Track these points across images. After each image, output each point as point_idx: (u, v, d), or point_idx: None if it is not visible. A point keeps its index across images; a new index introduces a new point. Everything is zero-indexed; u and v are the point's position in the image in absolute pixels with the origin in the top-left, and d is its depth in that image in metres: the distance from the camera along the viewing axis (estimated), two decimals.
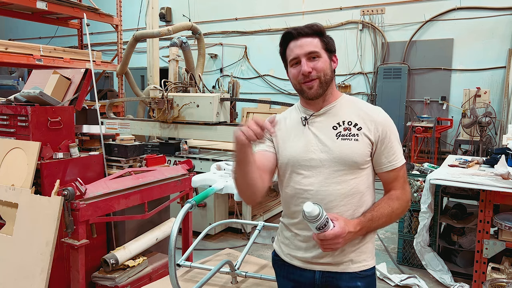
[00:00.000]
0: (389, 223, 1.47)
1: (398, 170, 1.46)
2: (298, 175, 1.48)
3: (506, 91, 6.96)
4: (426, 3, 7.63)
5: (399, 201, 1.46)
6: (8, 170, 2.67)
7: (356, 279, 1.46)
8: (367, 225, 1.41)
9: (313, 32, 1.43)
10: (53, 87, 3.22)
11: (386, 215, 1.43)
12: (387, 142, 1.44)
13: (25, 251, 2.40)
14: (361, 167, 1.44)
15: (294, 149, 1.49)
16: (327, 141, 1.45)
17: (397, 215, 1.45)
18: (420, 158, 7.17)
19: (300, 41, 1.43)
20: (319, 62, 1.42)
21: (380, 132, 1.44)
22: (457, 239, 3.66)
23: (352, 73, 8.37)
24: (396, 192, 1.47)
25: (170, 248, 1.80)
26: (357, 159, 1.42)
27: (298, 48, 1.43)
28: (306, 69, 1.41)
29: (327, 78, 1.44)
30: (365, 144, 1.43)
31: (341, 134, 1.44)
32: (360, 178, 1.45)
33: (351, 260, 1.46)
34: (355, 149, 1.42)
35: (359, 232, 1.39)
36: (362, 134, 1.43)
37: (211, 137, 4.68)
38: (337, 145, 1.43)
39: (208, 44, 8.88)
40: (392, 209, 1.44)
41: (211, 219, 4.36)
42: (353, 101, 1.53)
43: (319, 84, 1.43)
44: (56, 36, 10.26)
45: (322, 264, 1.47)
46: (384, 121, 1.46)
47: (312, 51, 1.42)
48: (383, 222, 1.44)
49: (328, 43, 1.46)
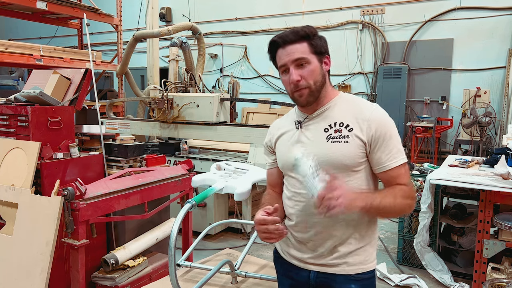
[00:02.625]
0: (392, 210, 1.38)
1: (396, 170, 1.39)
2: (291, 178, 1.50)
3: (506, 91, 6.96)
4: (426, 3, 7.62)
5: (402, 192, 1.38)
6: (8, 170, 2.67)
7: (350, 281, 1.45)
8: (369, 198, 1.33)
9: (299, 37, 1.39)
10: (53, 87, 3.22)
11: (389, 199, 1.35)
12: (381, 141, 1.38)
13: (25, 251, 2.40)
14: (353, 170, 1.40)
15: (287, 154, 1.49)
16: (318, 144, 1.43)
17: (400, 204, 1.37)
18: (420, 158, 7.16)
19: (286, 49, 1.40)
20: (308, 69, 1.39)
21: (374, 131, 1.38)
22: (457, 239, 3.66)
23: (352, 73, 8.36)
24: (400, 186, 1.40)
25: (170, 248, 1.80)
26: (347, 162, 1.39)
27: (285, 56, 1.40)
28: (295, 77, 1.38)
29: (317, 85, 1.41)
30: (356, 146, 1.38)
31: (331, 136, 1.41)
32: (355, 181, 1.41)
33: (346, 263, 1.45)
34: (345, 152, 1.38)
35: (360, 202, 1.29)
36: (352, 135, 1.39)
37: (211, 137, 4.68)
38: (327, 148, 1.41)
39: (208, 44, 8.88)
40: (395, 195, 1.37)
41: (211, 219, 4.36)
42: (349, 100, 1.48)
43: (309, 92, 1.41)
44: (56, 36, 10.25)
45: (317, 265, 1.47)
46: (378, 119, 1.40)
47: (299, 58, 1.39)
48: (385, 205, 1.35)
49: (317, 45, 1.41)
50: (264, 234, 1.37)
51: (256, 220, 1.38)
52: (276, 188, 1.64)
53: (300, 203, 1.46)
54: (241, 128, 4.52)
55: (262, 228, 1.36)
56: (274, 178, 1.64)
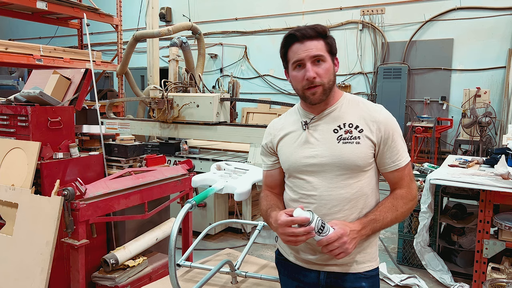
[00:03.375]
0: (395, 222, 1.44)
1: (402, 169, 1.44)
2: (300, 180, 1.47)
3: (506, 91, 6.96)
4: (426, 3, 7.63)
5: (403, 200, 1.43)
6: (8, 170, 2.66)
7: (361, 279, 1.46)
8: (371, 224, 1.38)
9: (317, 34, 1.39)
10: (53, 87, 3.21)
11: (391, 214, 1.41)
12: (390, 142, 1.42)
13: (25, 251, 2.40)
14: (364, 170, 1.42)
15: (295, 155, 1.47)
16: (328, 145, 1.42)
17: (402, 213, 1.42)
18: (420, 158, 7.17)
19: (305, 44, 1.38)
20: (324, 67, 1.38)
21: (383, 132, 1.41)
22: (457, 239, 3.66)
23: (352, 73, 8.37)
24: (401, 191, 1.45)
25: (170, 248, 1.80)
26: (359, 163, 1.40)
27: (303, 51, 1.37)
28: (312, 74, 1.36)
29: (330, 85, 1.41)
30: (367, 147, 1.41)
31: (342, 137, 1.41)
32: (364, 181, 1.43)
33: (356, 261, 1.45)
34: (357, 153, 1.39)
35: (363, 231, 1.36)
36: (363, 136, 1.40)
37: (211, 137, 4.68)
38: (338, 149, 1.41)
39: (208, 44, 8.89)
40: (396, 208, 1.42)
41: (211, 219, 4.36)
42: (355, 101, 1.49)
43: (323, 91, 1.40)
44: (56, 36, 10.26)
45: (326, 265, 1.46)
46: (386, 120, 1.43)
47: (318, 55, 1.37)
48: (388, 221, 1.41)
49: (332, 45, 1.42)
50: (290, 238, 1.31)
51: (283, 222, 1.31)
52: (275, 189, 1.62)
53: (310, 205, 1.43)
54: (241, 128, 4.52)
55: (288, 231, 1.31)
56: (274, 180, 1.61)
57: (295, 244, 1.33)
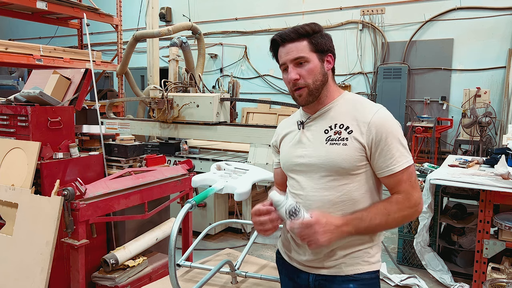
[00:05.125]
0: (386, 227, 1.37)
1: (398, 175, 1.35)
2: (291, 179, 1.50)
3: (506, 91, 6.96)
4: (426, 3, 7.63)
5: (398, 205, 1.35)
6: (8, 170, 2.66)
7: (348, 281, 1.42)
8: (354, 222, 1.31)
9: (299, 35, 1.37)
10: (53, 87, 3.22)
11: (381, 218, 1.33)
12: (383, 145, 1.33)
13: (25, 251, 2.40)
14: (352, 173, 1.37)
15: (289, 154, 1.49)
16: (317, 146, 1.41)
17: (395, 219, 1.34)
18: (420, 158, 7.17)
19: (286, 47, 1.38)
20: (307, 68, 1.37)
21: (374, 134, 1.34)
22: (457, 239, 3.66)
23: (352, 73, 8.36)
24: (397, 196, 1.36)
25: (170, 248, 1.80)
26: (344, 165, 1.35)
27: (285, 54, 1.38)
28: (293, 76, 1.37)
29: (317, 85, 1.38)
30: (355, 149, 1.35)
31: (330, 138, 1.38)
32: (353, 184, 1.38)
33: (344, 263, 1.42)
34: (343, 155, 1.35)
35: (344, 228, 1.30)
36: (352, 138, 1.35)
37: (211, 137, 4.68)
38: (325, 150, 1.38)
39: (208, 44, 8.88)
40: (389, 212, 1.33)
41: (211, 219, 4.36)
42: (352, 101, 1.44)
43: (308, 92, 1.38)
44: (56, 36, 10.25)
45: (315, 267, 1.46)
46: (379, 122, 1.34)
47: (298, 57, 1.36)
48: (377, 224, 1.33)
49: (318, 43, 1.38)
50: (258, 226, 1.35)
51: (252, 211, 1.37)
52: (281, 187, 1.65)
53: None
54: (241, 128, 4.52)
55: (256, 219, 1.35)
56: (280, 178, 1.65)
57: (264, 233, 1.35)
